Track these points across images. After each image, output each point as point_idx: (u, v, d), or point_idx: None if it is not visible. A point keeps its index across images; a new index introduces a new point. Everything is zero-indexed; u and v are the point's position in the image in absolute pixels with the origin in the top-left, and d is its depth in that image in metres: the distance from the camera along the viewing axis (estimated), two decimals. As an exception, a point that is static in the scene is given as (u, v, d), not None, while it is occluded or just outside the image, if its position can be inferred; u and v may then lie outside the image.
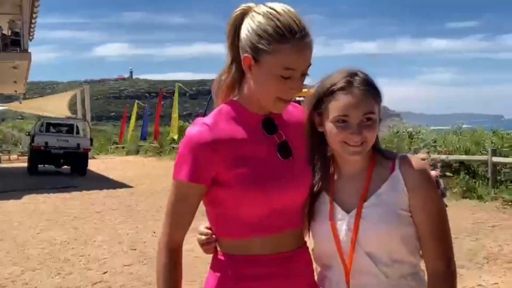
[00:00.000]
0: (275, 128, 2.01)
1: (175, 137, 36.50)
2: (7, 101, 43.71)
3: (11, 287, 6.93)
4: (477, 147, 15.61)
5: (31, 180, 21.79)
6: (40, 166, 25.73)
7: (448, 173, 15.08)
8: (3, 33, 22.40)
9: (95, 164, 30.16)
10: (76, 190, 17.55)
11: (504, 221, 10.54)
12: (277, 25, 1.84)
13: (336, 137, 1.93)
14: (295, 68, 1.85)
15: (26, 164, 26.41)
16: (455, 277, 1.94)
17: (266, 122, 2.00)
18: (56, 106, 36.62)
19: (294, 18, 1.85)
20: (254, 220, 1.92)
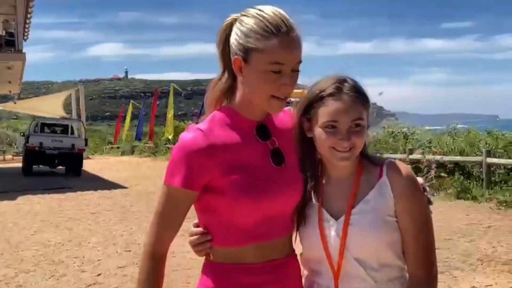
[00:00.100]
0: (269, 135, 2.01)
1: (170, 137, 36.50)
2: (2, 101, 43.67)
3: (5, 290, 6.90)
4: (472, 148, 15.64)
5: (26, 181, 21.74)
6: (35, 167, 25.68)
7: (443, 174, 15.11)
8: (-2, 34, 22.37)
9: (90, 165, 30.10)
10: (71, 191, 17.50)
11: (498, 222, 10.57)
12: (264, 23, 1.85)
13: (325, 143, 1.94)
14: (284, 63, 1.85)
15: (21, 165, 26.33)
16: (435, 284, 1.97)
17: (260, 128, 2.00)
18: (51, 106, 36.54)
19: (281, 17, 1.87)
20: (248, 227, 1.92)
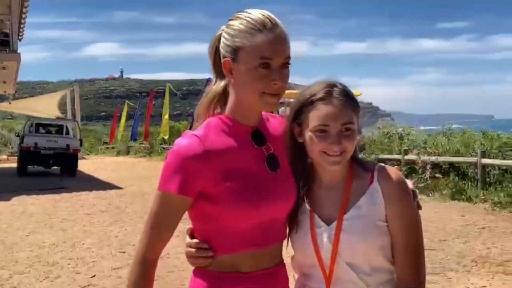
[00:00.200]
0: (264, 140, 2.01)
1: (166, 137, 36.50)
2: (-3, 101, 43.50)
3: (-1, 291, 6.89)
4: (467, 149, 15.66)
5: (21, 181, 21.69)
6: (30, 167, 25.62)
7: (438, 175, 15.14)
8: (-8, 34, 22.27)
9: (85, 165, 30.06)
10: (66, 192, 17.45)
11: (493, 223, 10.59)
12: (249, 21, 1.88)
13: (316, 147, 1.94)
14: (271, 57, 1.86)
15: (16, 165, 26.27)
16: None
17: (255, 134, 2.00)
18: (46, 106, 36.44)
19: (266, 15, 1.90)
20: (244, 234, 1.91)
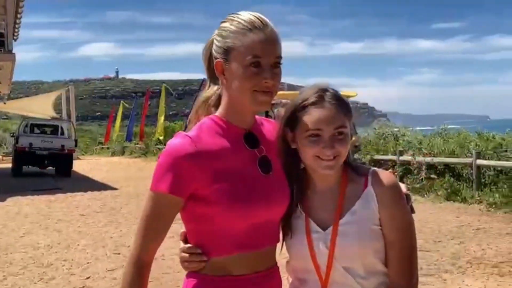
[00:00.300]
0: (257, 142, 2.01)
1: (161, 138, 36.44)
2: (-8, 101, 43.32)
3: (-7, 293, 6.87)
4: (462, 150, 15.67)
5: (15, 182, 21.64)
6: (25, 167, 25.57)
7: (433, 175, 15.15)
8: (-13, 34, 22.20)
9: (80, 165, 30.01)
10: (61, 192, 17.43)
11: (488, 224, 10.60)
12: (239, 22, 1.90)
13: (309, 152, 1.94)
14: (262, 56, 1.87)
15: (11, 165, 26.21)
16: None
17: (248, 136, 2.00)
18: (41, 106, 36.35)
19: (256, 15, 1.92)
20: (236, 236, 1.91)
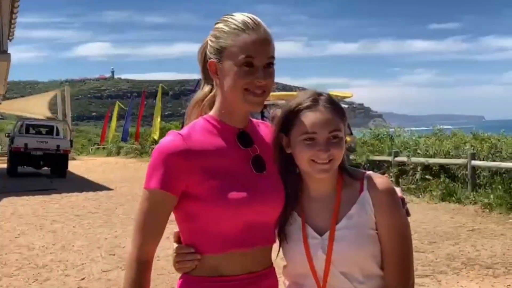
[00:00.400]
0: (250, 142, 2.02)
1: (156, 138, 36.43)
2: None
3: (-13, 294, 6.85)
4: (457, 151, 15.68)
5: (11, 182, 21.59)
6: (20, 168, 25.52)
7: (428, 176, 15.17)
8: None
9: (76, 166, 29.95)
10: (56, 193, 17.37)
11: (483, 225, 10.63)
12: (233, 22, 1.92)
13: (304, 155, 1.95)
14: (254, 56, 1.89)
15: (6, 166, 26.15)
16: None
17: (241, 135, 2.01)
18: (36, 107, 36.31)
19: (249, 16, 1.94)
20: (227, 234, 1.91)
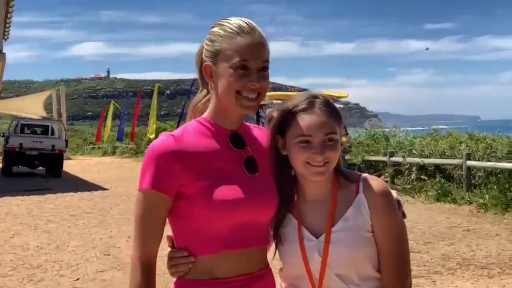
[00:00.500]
0: (243, 144, 2.02)
1: (152, 137, 36.38)
2: (-18, 101, 43.07)
3: (-19, 295, 6.83)
4: (452, 151, 15.70)
5: (5, 182, 21.48)
6: (15, 168, 25.46)
7: (423, 176, 15.18)
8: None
9: (71, 165, 29.91)
10: (51, 193, 17.34)
11: (478, 225, 10.63)
12: (228, 26, 1.93)
13: (300, 158, 1.94)
14: (249, 59, 1.89)
15: (0, 165, 26.08)
16: None
17: (234, 137, 2.01)
18: (32, 106, 36.18)
19: (245, 20, 1.95)
20: (220, 235, 1.91)
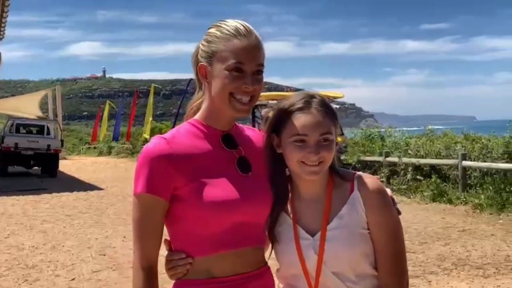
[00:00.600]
0: (235, 144, 2.03)
1: (148, 137, 36.36)
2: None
3: (-24, 295, 6.81)
4: (448, 151, 15.71)
5: (0, 182, 21.41)
6: (10, 167, 25.42)
7: (419, 177, 15.20)
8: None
9: (66, 165, 29.87)
10: (46, 192, 17.34)
11: (473, 226, 10.65)
12: (224, 28, 1.94)
13: (294, 157, 1.95)
14: (244, 62, 1.90)
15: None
16: None
17: (226, 138, 2.02)
18: (27, 106, 36.09)
19: (241, 23, 1.95)
20: (215, 234, 1.91)
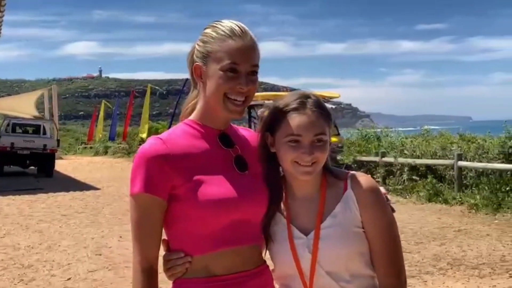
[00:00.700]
0: (231, 143, 2.03)
1: (144, 137, 36.32)
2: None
3: (-28, 295, 6.81)
4: (444, 151, 15.74)
5: (-4, 182, 21.44)
6: (6, 167, 25.35)
7: (415, 177, 15.22)
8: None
9: (63, 165, 29.82)
10: (42, 192, 17.31)
11: (469, 226, 10.67)
12: (220, 28, 1.95)
13: (288, 157, 1.95)
14: (239, 63, 1.90)
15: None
16: None
17: (222, 137, 2.03)
18: (23, 105, 36.03)
19: (237, 23, 1.96)
20: (213, 232, 1.91)
